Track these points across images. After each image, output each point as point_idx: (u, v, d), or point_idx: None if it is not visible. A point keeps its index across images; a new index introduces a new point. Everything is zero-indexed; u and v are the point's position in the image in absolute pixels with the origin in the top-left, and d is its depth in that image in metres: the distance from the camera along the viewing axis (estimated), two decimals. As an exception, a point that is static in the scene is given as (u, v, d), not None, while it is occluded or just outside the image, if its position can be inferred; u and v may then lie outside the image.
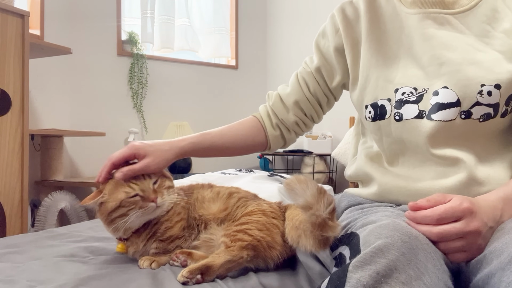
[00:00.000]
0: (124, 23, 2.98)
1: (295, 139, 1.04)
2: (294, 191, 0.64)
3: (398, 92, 0.79)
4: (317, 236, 0.64)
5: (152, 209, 0.77)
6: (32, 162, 2.32)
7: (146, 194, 0.77)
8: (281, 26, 3.58)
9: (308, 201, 0.63)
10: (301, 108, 0.97)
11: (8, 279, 0.71)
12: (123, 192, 0.76)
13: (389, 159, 0.83)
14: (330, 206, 0.62)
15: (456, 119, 0.73)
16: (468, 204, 0.58)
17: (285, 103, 0.98)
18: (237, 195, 0.85)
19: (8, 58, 1.73)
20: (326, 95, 0.96)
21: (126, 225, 0.77)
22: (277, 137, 1.00)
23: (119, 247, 0.84)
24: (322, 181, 2.89)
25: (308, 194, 0.63)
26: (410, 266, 0.51)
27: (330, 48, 0.91)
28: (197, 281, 0.69)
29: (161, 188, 0.80)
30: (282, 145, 1.02)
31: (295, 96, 0.97)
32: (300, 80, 0.97)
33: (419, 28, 0.80)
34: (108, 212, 0.77)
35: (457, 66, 0.75)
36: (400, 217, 0.64)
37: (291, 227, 0.74)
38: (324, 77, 0.94)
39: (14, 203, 1.75)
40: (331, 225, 0.63)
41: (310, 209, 0.63)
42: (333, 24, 0.91)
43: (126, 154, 0.81)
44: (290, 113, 0.97)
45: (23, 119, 1.79)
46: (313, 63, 0.96)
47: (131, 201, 0.76)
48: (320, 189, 0.63)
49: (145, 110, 3.02)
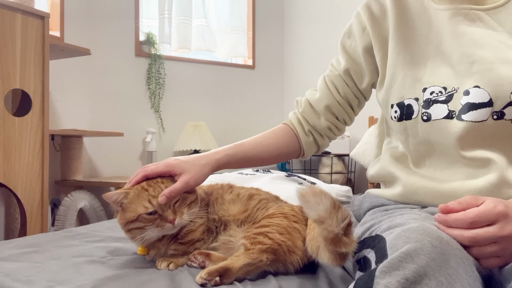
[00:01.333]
0: (142, 24, 3.00)
1: (328, 144, 1.02)
2: (307, 203, 0.62)
3: (427, 91, 0.75)
4: (331, 251, 0.63)
5: (169, 229, 0.75)
6: (52, 162, 2.35)
7: (165, 214, 0.75)
8: (298, 26, 3.55)
9: (320, 215, 0.61)
10: (333, 113, 0.95)
11: (27, 279, 0.72)
12: (143, 206, 0.74)
13: (415, 160, 0.79)
14: (344, 222, 0.61)
15: (488, 120, 0.70)
16: (503, 207, 0.55)
17: (316, 108, 0.96)
18: (257, 197, 0.84)
19: (28, 60, 1.76)
20: (356, 96, 0.94)
21: (143, 239, 0.76)
22: (310, 143, 0.98)
23: (140, 249, 0.83)
24: (340, 182, 2.84)
25: (321, 208, 0.61)
26: (441, 273, 0.49)
27: (358, 48, 0.88)
28: (216, 283, 0.68)
29: (181, 207, 0.77)
30: (316, 151, 1.01)
31: (325, 101, 0.94)
32: (329, 84, 0.94)
33: (449, 24, 0.77)
34: (126, 222, 0.76)
35: (489, 64, 0.71)
36: (428, 220, 0.61)
37: (311, 237, 0.73)
38: (354, 79, 0.92)
39: (34, 203, 1.78)
40: (345, 241, 0.61)
41: (322, 224, 0.61)
42: (359, 22, 0.88)
43: (160, 171, 0.80)
44: (321, 119, 0.95)
45: (44, 120, 1.81)
46: (340, 65, 0.93)
47: (149, 218, 0.75)
48: (334, 203, 0.61)
49: (162, 110, 3.04)
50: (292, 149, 0.98)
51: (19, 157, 1.71)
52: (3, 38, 1.66)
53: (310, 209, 0.62)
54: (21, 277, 0.72)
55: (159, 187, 0.76)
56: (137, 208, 0.74)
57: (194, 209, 0.79)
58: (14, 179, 1.70)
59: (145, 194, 0.75)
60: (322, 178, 2.80)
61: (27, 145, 1.75)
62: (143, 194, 0.75)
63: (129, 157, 2.90)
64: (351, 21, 0.90)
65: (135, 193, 0.76)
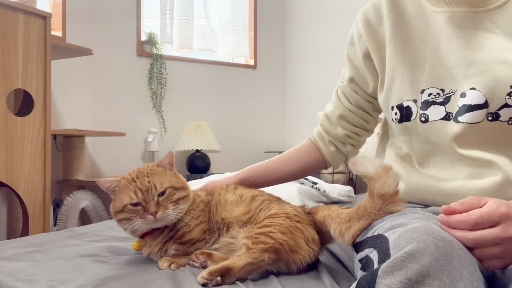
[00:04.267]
0: (143, 24, 3.00)
1: (356, 151, 1.04)
2: (363, 163, 0.67)
3: (425, 93, 0.76)
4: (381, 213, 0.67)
5: (151, 221, 0.76)
6: (54, 162, 2.36)
7: (148, 205, 0.76)
8: (300, 26, 3.55)
9: (378, 172, 0.66)
10: (347, 121, 0.98)
11: (30, 278, 0.72)
12: (128, 196, 0.76)
13: (420, 160, 0.80)
14: (396, 182, 0.67)
15: (483, 121, 0.70)
16: (506, 209, 0.55)
17: (331, 119, 1.00)
18: (260, 198, 0.84)
19: (30, 60, 1.76)
20: (368, 101, 0.96)
21: (132, 230, 0.79)
22: (333, 153, 1.01)
23: (135, 244, 0.85)
24: (342, 182, 2.84)
25: (377, 166, 0.67)
26: (444, 273, 0.48)
27: (359, 55, 0.91)
28: (217, 283, 0.67)
29: (166, 201, 0.77)
30: (344, 159, 1.04)
31: (338, 111, 0.98)
32: (340, 95, 0.99)
33: (447, 27, 0.77)
34: (115, 212, 0.78)
35: (485, 66, 0.71)
36: (430, 219, 0.61)
37: (336, 215, 0.75)
38: (360, 85, 0.94)
39: (36, 202, 1.78)
40: (399, 199, 0.67)
41: (379, 180, 0.66)
42: (357, 30, 0.90)
43: None
44: (338, 129, 0.99)
45: (46, 120, 1.82)
46: (346, 74, 0.97)
47: (133, 209, 0.76)
48: (387, 166, 0.67)
49: (164, 110, 3.04)
50: (314, 160, 1.02)
51: (21, 156, 1.72)
52: (5, 38, 1.66)
53: (366, 167, 0.67)
54: (23, 277, 0.72)
55: (144, 180, 0.78)
56: (124, 198, 0.77)
57: (182, 206, 0.79)
58: (16, 178, 1.70)
59: (132, 185, 0.77)
60: (324, 178, 2.80)
61: (29, 145, 1.75)
62: (131, 185, 0.77)
63: (130, 157, 2.90)
64: (352, 29, 0.93)
65: (124, 184, 0.78)
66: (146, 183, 0.77)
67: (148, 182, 0.77)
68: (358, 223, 0.69)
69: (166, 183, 0.79)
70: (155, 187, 0.77)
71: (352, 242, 0.69)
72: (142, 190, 0.76)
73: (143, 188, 0.76)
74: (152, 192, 0.76)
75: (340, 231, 0.71)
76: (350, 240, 0.69)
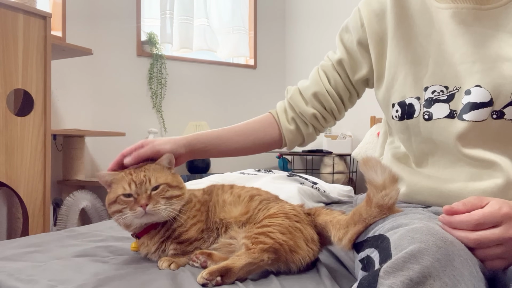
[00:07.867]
0: (143, 24, 3.00)
1: (315, 136, 0.99)
2: (374, 169, 0.67)
3: (428, 90, 0.75)
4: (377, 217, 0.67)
5: (140, 214, 0.75)
6: (54, 162, 2.35)
7: (139, 197, 0.76)
8: (300, 26, 3.55)
9: (384, 182, 0.66)
10: (320, 101, 0.93)
11: (30, 278, 0.72)
12: (122, 187, 0.77)
13: (417, 160, 0.79)
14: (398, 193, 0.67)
15: (487, 119, 0.70)
16: (508, 209, 0.55)
17: (304, 95, 0.95)
18: (258, 198, 0.83)
19: (30, 59, 1.76)
20: (348, 89, 0.93)
21: (123, 222, 0.79)
22: (292, 132, 0.95)
23: (133, 245, 0.85)
24: (342, 182, 2.84)
25: (386, 176, 0.66)
26: (446, 273, 0.48)
27: (354, 41, 0.88)
28: (217, 283, 0.67)
29: (158, 196, 0.77)
30: (301, 142, 0.98)
31: (314, 88, 0.93)
32: (320, 73, 0.94)
33: (451, 23, 0.76)
34: (109, 204, 0.79)
35: (491, 63, 0.71)
36: (432, 219, 0.61)
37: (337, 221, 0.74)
38: (346, 70, 0.91)
39: (36, 202, 1.78)
40: (396, 210, 0.67)
41: (383, 190, 0.66)
42: (358, 18, 0.88)
43: (134, 146, 0.84)
44: (308, 106, 0.94)
45: (46, 120, 1.82)
46: (335, 56, 0.93)
47: (125, 200, 0.77)
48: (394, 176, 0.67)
49: (164, 110, 3.04)
50: (270, 136, 0.96)
51: (21, 157, 1.72)
52: (5, 38, 1.66)
53: (376, 174, 0.66)
54: (23, 277, 0.72)
55: (140, 174, 0.78)
56: (117, 189, 0.77)
57: (176, 205, 0.79)
58: (16, 178, 1.70)
59: (128, 178, 0.78)
60: (324, 178, 2.80)
61: (29, 145, 1.75)
62: (127, 177, 0.78)
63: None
64: (350, 16, 0.90)
65: (121, 176, 0.79)
66: (142, 177, 0.77)
67: (143, 176, 0.78)
68: (354, 228, 0.69)
69: (162, 179, 0.79)
70: (149, 181, 0.77)
71: (351, 247, 0.69)
72: (136, 183, 0.76)
73: (137, 180, 0.77)
74: (145, 185, 0.77)
75: (339, 237, 0.71)
76: (348, 245, 0.69)
